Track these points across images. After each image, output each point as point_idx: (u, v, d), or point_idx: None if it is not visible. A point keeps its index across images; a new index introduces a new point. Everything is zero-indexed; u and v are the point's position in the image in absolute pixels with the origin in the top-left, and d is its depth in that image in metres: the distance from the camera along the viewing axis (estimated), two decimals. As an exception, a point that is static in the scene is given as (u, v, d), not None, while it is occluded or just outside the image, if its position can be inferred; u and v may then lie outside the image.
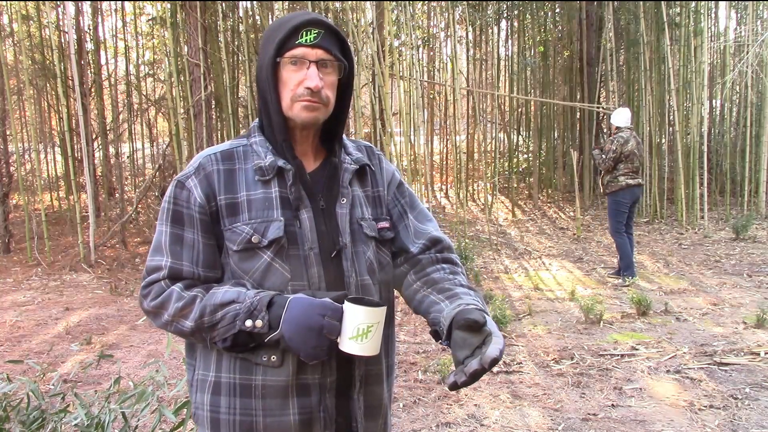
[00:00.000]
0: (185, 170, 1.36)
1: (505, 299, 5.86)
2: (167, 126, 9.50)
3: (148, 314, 1.35)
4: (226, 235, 1.31)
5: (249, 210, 1.31)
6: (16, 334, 5.25)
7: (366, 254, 1.38)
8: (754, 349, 4.51)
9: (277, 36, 1.32)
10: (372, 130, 9.84)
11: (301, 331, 1.20)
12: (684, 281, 6.70)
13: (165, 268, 1.31)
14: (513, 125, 14.82)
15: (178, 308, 1.28)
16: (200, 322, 1.26)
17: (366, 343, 1.22)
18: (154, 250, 1.34)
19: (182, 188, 1.33)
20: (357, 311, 1.21)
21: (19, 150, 8.89)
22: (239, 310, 1.23)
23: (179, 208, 1.33)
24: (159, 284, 1.31)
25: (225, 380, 1.31)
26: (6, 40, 10.17)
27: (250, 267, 1.30)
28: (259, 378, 1.29)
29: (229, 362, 1.31)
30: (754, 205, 10.69)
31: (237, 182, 1.33)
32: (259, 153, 1.36)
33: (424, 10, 13.81)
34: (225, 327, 1.24)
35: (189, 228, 1.32)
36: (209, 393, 1.33)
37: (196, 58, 7.78)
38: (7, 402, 2.16)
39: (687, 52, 10.63)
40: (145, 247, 8.63)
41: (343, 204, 1.38)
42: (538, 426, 3.45)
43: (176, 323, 1.29)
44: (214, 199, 1.32)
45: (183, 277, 1.31)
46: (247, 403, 1.30)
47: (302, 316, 1.21)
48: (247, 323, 1.22)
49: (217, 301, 1.25)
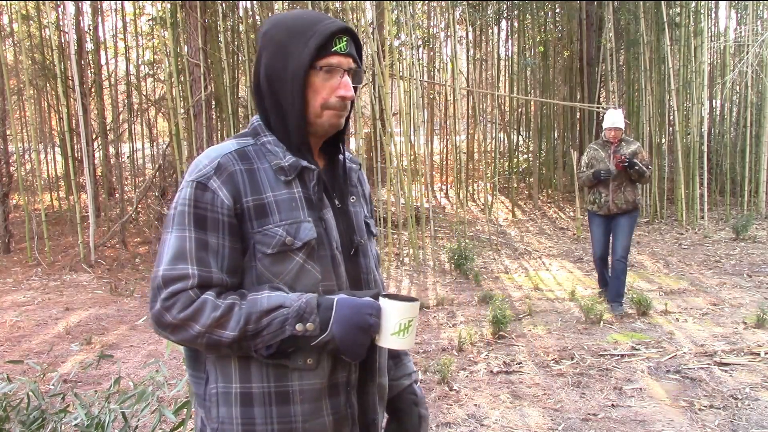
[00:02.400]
0: (202, 171, 1.27)
1: (505, 299, 5.86)
2: (167, 126, 9.49)
3: (172, 328, 1.21)
4: (257, 238, 1.26)
5: (279, 211, 1.27)
6: (16, 334, 5.25)
7: (372, 250, 1.44)
8: (754, 349, 4.51)
9: (307, 39, 1.28)
10: (372, 130, 9.84)
11: (352, 331, 1.22)
12: (684, 281, 6.70)
13: (193, 277, 1.21)
14: (513, 125, 14.82)
15: (216, 318, 1.19)
16: (244, 330, 1.20)
17: (407, 337, 1.27)
18: (176, 258, 1.22)
19: (204, 190, 1.25)
20: (399, 307, 1.25)
21: (19, 150, 8.88)
22: (288, 315, 1.21)
23: (202, 211, 1.24)
24: (186, 294, 1.20)
25: (257, 390, 1.26)
26: (6, 40, 10.18)
27: (282, 270, 1.27)
28: (296, 383, 1.27)
29: (261, 371, 1.26)
30: (754, 205, 10.69)
31: (260, 182, 1.28)
32: (276, 153, 1.32)
33: (424, 10, 13.81)
34: (272, 333, 1.21)
35: (213, 232, 1.24)
36: (238, 406, 1.27)
37: (196, 58, 7.78)
38: (7, 402, 2.16)
39: (687, 52, 10.63)
40: (145, 248, 8.64)
41: (354, 202, 1.41)
42: (538, 426, 3.44)
43: (211, 334, 1.20)
44: (240, 201, 1.26)
45: (213, 284, 1.23)
46: (285, 410, 1.26)
47: (353, 316, 1.22)
48: (298, 327, 1.20)
49: (264, 308, 1.21)
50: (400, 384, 1.55)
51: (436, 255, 8.12)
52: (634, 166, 5.34)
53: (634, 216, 5.58)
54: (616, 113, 5.60)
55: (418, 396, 1.56)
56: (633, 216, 5.57)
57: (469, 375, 4.19)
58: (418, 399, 1.56)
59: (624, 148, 5.51)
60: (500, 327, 4.92)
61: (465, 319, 5.46)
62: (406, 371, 1.57)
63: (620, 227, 5.54)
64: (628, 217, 5.53)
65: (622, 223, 5.53)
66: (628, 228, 5.53)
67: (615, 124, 5.51)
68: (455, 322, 5.38)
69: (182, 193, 1.26)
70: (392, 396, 1.53)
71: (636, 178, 5.44)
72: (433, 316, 5.58)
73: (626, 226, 5.52)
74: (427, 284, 6.89)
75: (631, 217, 5.55)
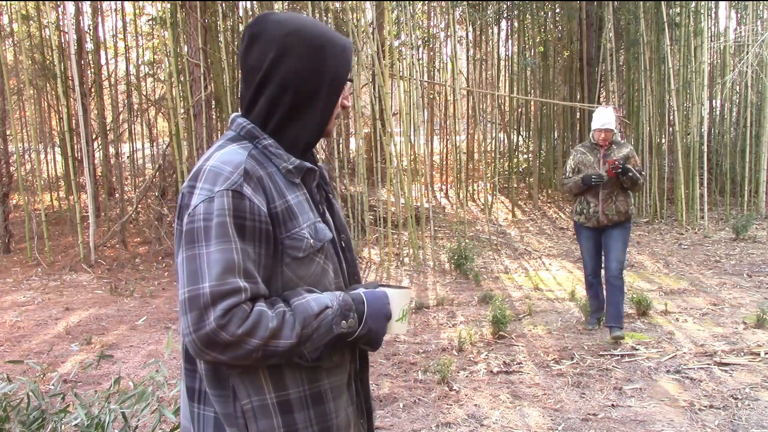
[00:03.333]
0: (231, 179, 1.22)
1: (505, 299, 5.86)
2: (167, 126, 9.49)
3: (226, 347, 1.15)
4: (287, 243, 1.25)
5: (301, 214, 1.29)
6: (16, 334, 5.25)
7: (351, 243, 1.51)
8: (754, 349, 4.51)
9: (347, 58, 1.36)
10: (372, 130, 9.85)
11: (381, 322, 1.29)
12: (684, 281, 6.70)
13: (245, 291, 1.17)
14: (513, 125, 14.81)
15: (273, 329, 1.17)
16: (300, 336, 1.19)
17: (406, 322, 1.35)
18: (224, 272, 1.16)
19: (241, 198, 1.20)
20: (400, 294, 1.34)
21: (19, 150, 8.89)
22: (333, 315, 1.23)
23: (242, 221, 1.20)
24: (241, 308, 1.15)
25: (295, 396, 1.27)
26: (6, 40, 10.17)
27: (308, 272, 1.28)
28: (326, 382, 1.31)
29: (295, 376, 1.27)
30: (754, 205, 10.69)
31: (279, 186, 1.28)
32: (280, 155, 1.31)
33: (424, 10, 13.81)
34: (321, 335, 1.22)
35: (251, 241, 1.21)
36: (278, 416, 1.26)
37: (196, 58, 7.78)
38: (7, 402, 2.16)
39: (687, 52, 10.63)
40: (145, 248, 8.63)
41: (334, 201, 1.48)
42: (538, 426, 3.45)
43: (267, 346, 1.17)
44: (271, 206, 1.25)
45: (260, 295, 1.21)
46: (322, 410, 1.30)
47: (381, 307, 1.30)
48: (343, 324, 1.24)
49: (314, 311, 1.21)
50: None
51: (436, 255, 8.12)
52: (627, 173, 4.63)
53: (627, 227, 4.87)
54: (606, 112, 4.83)
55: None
56: (626, 226, 4.86)
57: (469, 375, 4.19)
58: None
59: (615, 151, 4.80)
60: (500, 327, 4.92)
61: (465, 319, 5.46)
62: None
63: (612, 239, 4.81)
64: (621, 227, 4.82)
65: (615, 235, 4.80)
66: (622, 239, 4.80)
67: (605, 125, 4.75)
68: (455, 322, 5.38)
69: (215, 203, 1.19)
70: None
71: (629, 185, 4.73)
72: (433, 316, 5.58)
73: (619, 237, 4.79)
74: (427, 284, 6.89)
75: (624, 227, 4.84)
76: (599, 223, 4.81)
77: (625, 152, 4.79)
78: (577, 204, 4.98)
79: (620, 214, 4.77)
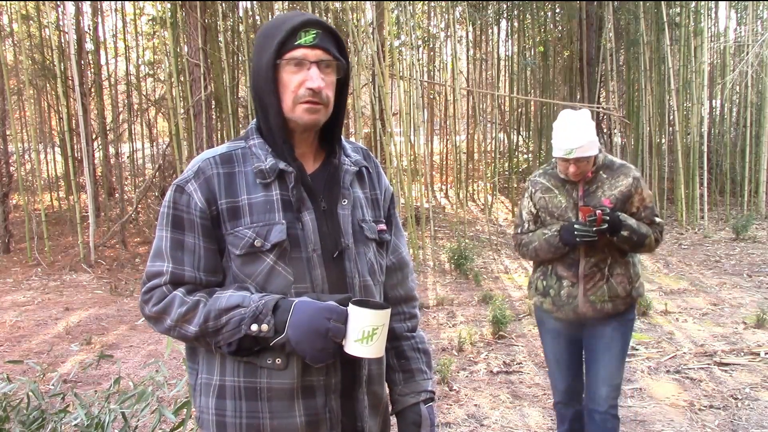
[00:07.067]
0: (184, 174, 1.35)
1: (505, 299, 5.86)
2: (167, 126, 9.49)
3: (150, 320, 1.34)
4: (228, 239, 1.31)
5: (251, 214, 1.30)
6: (16, 334, 5.25)
7: (367, 255, 1.39)
8: (754, 349, 4.51)
9: (274, 38, 1.30)
10: (372, 130, 9.84)
11: (306, 334, 1.21)
12: (684, 281, 6.70)
13: (166, 274, 1.30)
14: (513, 125, 14.82)
15: (182, 313, 1.27)
16: (204, 327, 1.26)
17: (372, 345, 1.23)
18: (154, 256, 1.32)
19: (182, 193, 1.32)
20: (363, 314, 1.22)
21: (19, 150, 8.89)
22: (244, 315, 1.23)
23: (179, 212, 1.32)
24: (160, 290, 1.30)
25: (230, 384, 1.31)
26: (6, 40, 10.17)
27: (253, 271, 1.30)
28: (264, 381, 1.29)
29: (234, 366, 1.31)
30: (754, 205, 10.69)
31: (237, 186, 1.32)
32: (258, 156, 1.34)
33: (424, 10, 13.80)
34: (230, 331, 1.25)
35: (190, 233, 1.31)
36: (214, 397, 1.33)
37: (196, 58, 7.78)
38: (7, 402, 2.16)
39: (687, 52, 10.63)
40: (145, 248, 8.63)
41: (345, 205, 1.38)
42: (538, 426, 3.45)
43: (179, 328, 1.29)
44: (215, 203, 1.31)
45: (185, 282, 1.30)
46: (253, 405, 1.30)
47: (308, 319, 1.22)
48: (253, 327, 1.23)
49: (222, 306, 1.25)
50: (405, 401, 1.49)
51: (436, 255, 8.12)
52: (619, 231, 2.48)
53: (627, 321, 2.66)
54: (575, 122, 2.55)
55: (422, 417, 1.47)
56: (626, 321, 2.65)
57: (469, 375, 4.19)
58: (421, 420, 1.46)
59: (605, 186, 2.59)
60: (500, 327, 4.92)
61: (465, 319, 5.46)
62: (414, 389, 1.49)
63: (602, 345, 2.64)
64: (617, 323, 2.62)
65: (606, 338, 2.63)
66: (619, 345, 2.63)
67: (574, 151, 2.49)
68: (455, 322, 5.38)
69: (167, 195, 1.35)
70: (397, 411, 1.50)
71: (629, 248, 2.57)
72: (433, 316, 5.57)
73: (614, 342, 2.62)
74: (427, 284, 6.89)
75: (623, 323, 2.64)
76: (577, 315, 2.61)
77: (623, 186, 2.58)
78: (537, 276, 2.76)
79: (616, 302, 2.58)
